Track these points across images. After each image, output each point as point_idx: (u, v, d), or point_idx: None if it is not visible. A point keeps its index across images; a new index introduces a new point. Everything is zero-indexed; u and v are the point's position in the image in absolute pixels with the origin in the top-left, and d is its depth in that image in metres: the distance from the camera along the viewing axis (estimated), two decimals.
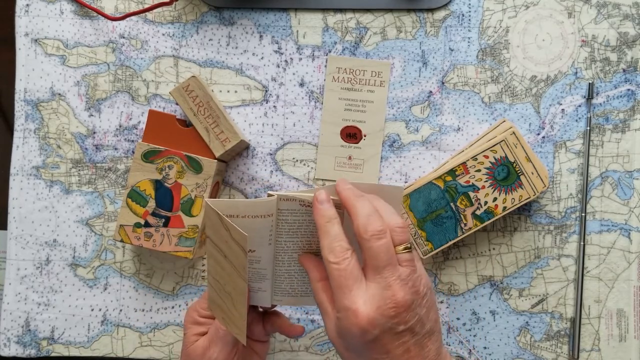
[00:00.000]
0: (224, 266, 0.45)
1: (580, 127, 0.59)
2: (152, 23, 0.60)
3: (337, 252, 0.42)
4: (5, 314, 0.60)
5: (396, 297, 0.40)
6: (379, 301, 0.40)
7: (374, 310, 0.40)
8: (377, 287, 0.40)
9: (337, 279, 0.41)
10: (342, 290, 0.41)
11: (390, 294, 0.40)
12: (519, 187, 0.55)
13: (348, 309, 0.40)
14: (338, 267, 0.41)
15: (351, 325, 0.40)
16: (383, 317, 0.40)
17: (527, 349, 0.59)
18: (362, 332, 0.40)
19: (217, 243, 0.44)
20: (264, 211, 0.44)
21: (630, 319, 0.58)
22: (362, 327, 0.40)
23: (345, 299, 0.40)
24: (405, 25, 0.59)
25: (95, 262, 0.60)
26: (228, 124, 0.56)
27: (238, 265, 0.43)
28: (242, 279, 0.43)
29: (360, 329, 0.40)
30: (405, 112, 0.60)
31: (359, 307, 0.40)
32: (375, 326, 0.40)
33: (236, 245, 0.42)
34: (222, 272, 0.45)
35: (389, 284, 0.40)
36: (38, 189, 0.60)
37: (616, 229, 0.58)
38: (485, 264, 0.59)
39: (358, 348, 0.41)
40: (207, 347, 0.49)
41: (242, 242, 0.41)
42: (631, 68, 0.58)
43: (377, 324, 0.40)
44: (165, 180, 0.56)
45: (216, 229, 0.43)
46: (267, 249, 0.46)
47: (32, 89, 0.60)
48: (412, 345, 0.41)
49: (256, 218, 0.44)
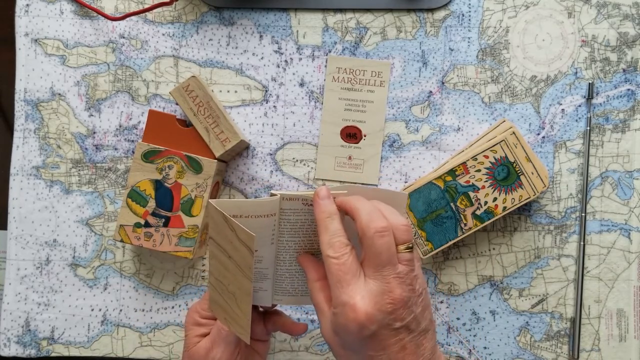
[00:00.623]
0: (227, 267, 0.45)
1: (580, 127, 0.59)
2: (152, 23, 0.60)
3: (336, 247, 0.42)
4: (5, 314, 0.60)
5: (394, 293, 0.40)
6: (377, 297, 0.40)
7: (371, 306, 0.40)
8: (375, 284, 0.41)
9: (336, 273, 0.41)
10: (340, 285, 0.41)
11: (388, 290, 0.40)
12: (519, 187, 0.55)
13: (346, 303, 0.40)
14: (337, 261, 0.41)
15: (348, 321, 0.40)
16: (380, 313, 0.40)
17: (527, 349, 0.59)
18: (359, 327, 0.40)
19: (221, 244, 0.44)
20: (267, 211, 0.44)
21: (630, 319, 0.58)
22: (360, 322, 0.40)
23: (343, 293, 0.41)
24: (405, 25, 0.59)
25: (95, 262, 0.60)
26: (228, 124, 0.56)
27: (244, 266, 0.43)
28: (247, 279, 0.43)
29: (357, 324, 0.40)
30: (405, 112, 0.60)
31: (356, 302, 0.40)
32: (373, 322, 0.40)
33: (242, 246, 0.42)
34: (225, 273, 0.45)
35: (387, 281, 0.41)
36: (38, 189, 0.60)
37: (616, 229, 0.58)
38: (485, 264, 0.59)
39: (354, 345, 0.41)
40: (209, 348, 0.49)
41: (249, 242, 0.41)
42: (631, 68, 0.58)
43: (374, 319, 0.40)
44: (165, 180, 0.56)
45: (220, 229, 0.43)
46: (269, 248, 0.46)
47: (32, 89, 0.60)
48: (408, 343, 0.41)
49: (259, 218, 0.44)
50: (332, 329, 0.42)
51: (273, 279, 0.48)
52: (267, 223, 0.45)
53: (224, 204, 0.42)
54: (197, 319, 0.51)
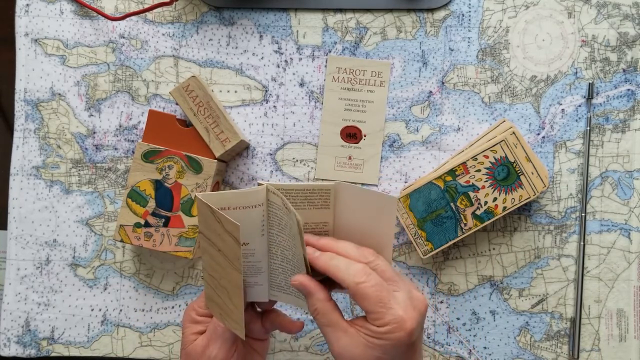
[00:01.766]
0: (218, 260, 0.45)
1: (580, 127, 0.59)
2: (152, 23, 0.60)
3: (359, 273, 0.43)
4: (5, 314, 0.60)
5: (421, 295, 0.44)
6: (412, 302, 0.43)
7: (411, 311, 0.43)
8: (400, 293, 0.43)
9: (374, 295, 0.42)
10: (382, 304, 0.42)
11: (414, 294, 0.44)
12: (519, 187, 0.55)
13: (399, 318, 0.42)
14: (369, 284, 0.43)
15: (402, 333, 0.42)
16: (421, 317, 0.43)
17: (527, 349, 0.59)
18: (409, 336, 0.42)
19: (210, 237, 0.44)
20: (254, 201, 0.44)
21: (630, 319, 0.58)
22: (410, 331, 0.42)
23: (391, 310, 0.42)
24: (405, 25, 0.59)
25: (95, 262, 0.60)
26: (228, 124, 0.56)
27: (232, 257, 0.43)
28: (236, 271, 0.43)
29: (407, 333, 0.42)
30: (405, 112, 0.60)
31: (402, 314, 0.42)
32: (417, 326, 0.43)
33: (229, 237, 0.42)
34: (216, 267, 0.45)
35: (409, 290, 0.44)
36: (38, 189, 0.60)
37: (616, 229, 0.58)
38: (485, 264, 0.59)
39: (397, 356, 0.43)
40: (206, 345, 0.49)
41: (235, 232, 0.41)
42: (631, 68, 0.58)
43: (417, 324, 0.43)
44: (165, 180, 0.56)
45: (209, 223, 0.43)
46: (260, 240, 0.46)
47: (32, 89, 0.60)
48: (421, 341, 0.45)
49: (247, 209, 0.44)
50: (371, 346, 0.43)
51: (268, 272, 0.48)
52: (255, 214, 0.45)
53: (210, 197, 0.43)
54: (194, 317, 0.51)
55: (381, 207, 0.45)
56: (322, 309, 0.44)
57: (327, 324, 0.44)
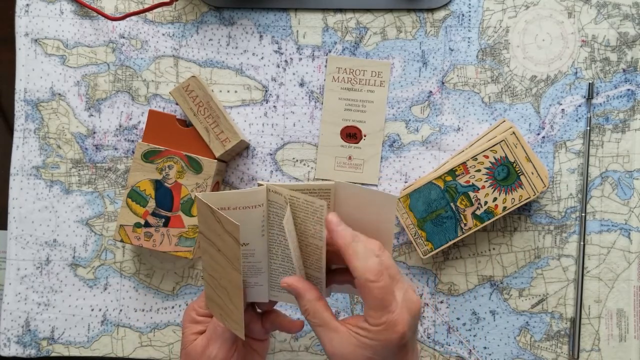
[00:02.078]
0: (218, 260, 0.45)
1: (580, 127, 0.59)
2: (152, 23, 0.60)
3: (373, 271, 0.43)
4: (5, 314, 0.60)
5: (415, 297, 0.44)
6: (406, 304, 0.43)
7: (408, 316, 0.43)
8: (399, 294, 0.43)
9: (380, 295, 0.42)
10: (382, 305, 0.42)
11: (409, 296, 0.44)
12: (519, 187, 0.55)
13: (391, 320, 0.42)
14: (379, 284, 0.42)
15: (394, 334, 0.42)
16: (413, 320, 0.43)
17: (527, 349, 0.59)
18: (400, 338, 0.42)
19: (210, 237, 0.44)
20: (254, 201, 0.44)
21: (630, 319, 0.58)
22: (401, 334, 0.42)
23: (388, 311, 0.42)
24: (405, 25, 0.59)
25: (95, 262, 0.60)
26: (228, 124, 0.56)
27: (232, 257, 0.43)
28: (236, 271, 0.43)
29: (399, 336, 0.42)
30: (405, 112, 0.60)
31: (396, 316, 0.42)
32: (408, 329, 0.43)
33: (229, 237, 0.42)
34: (216, 267, 0.45)
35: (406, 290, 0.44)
36: (38, 189, 0.60)
37: (616, 229, 0.58)
38: (485, 264, 0.59)
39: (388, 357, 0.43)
40: (206, 345, 0.49)
41: (235, 232, 0.41)
42: (631, 68, 0.58)
43: (409, 327, 0.43)
44: (165, 180, 0.56)
45: (208, 223, 0.43)
46: (260, 240, 0.46)
47: (32, 89, 0.60)
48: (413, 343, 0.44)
49: (247, 209, 0.44)
50: (362, 346, 0.43)
51: (268, 273, 0.48)
52: (255, 214, 0.45)
53: (210, 197, 0.43)
54: (194, 317, 0.51)
55: (381, 206, 0.45)
56: (313, 309, 0.44)
57: (318, 324, 0.44)
